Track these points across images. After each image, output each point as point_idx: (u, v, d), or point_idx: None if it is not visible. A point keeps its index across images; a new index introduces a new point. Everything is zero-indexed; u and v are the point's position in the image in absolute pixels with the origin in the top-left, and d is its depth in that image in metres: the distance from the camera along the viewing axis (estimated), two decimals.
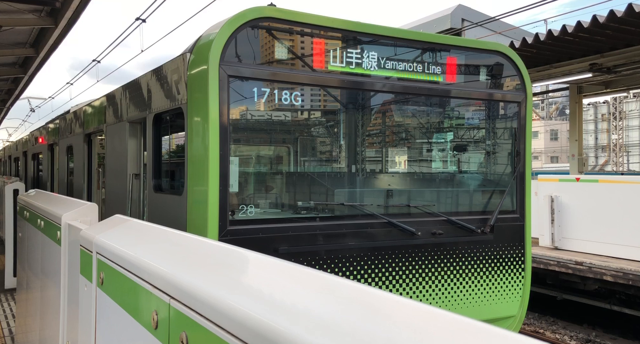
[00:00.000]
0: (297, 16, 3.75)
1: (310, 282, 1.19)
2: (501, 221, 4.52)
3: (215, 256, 1.58)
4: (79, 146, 7.23)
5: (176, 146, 4.69)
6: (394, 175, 6.08)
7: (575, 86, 11.06)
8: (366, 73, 4.03)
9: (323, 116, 5.77)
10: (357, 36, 4.02)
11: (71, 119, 8.12)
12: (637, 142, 23.81)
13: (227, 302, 1.17)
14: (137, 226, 2.34)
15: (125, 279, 1.82)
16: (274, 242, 3.63)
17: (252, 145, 5.32)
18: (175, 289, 1.41)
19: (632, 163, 23.67)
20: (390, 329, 0.90)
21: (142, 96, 4.76)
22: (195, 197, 3.60)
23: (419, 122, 5.97)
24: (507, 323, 4.64)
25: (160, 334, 1.48)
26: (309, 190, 4.97)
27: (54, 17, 8.93)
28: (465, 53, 4.51)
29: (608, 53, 8.53)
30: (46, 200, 4.24)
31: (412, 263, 4.10)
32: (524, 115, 4.70)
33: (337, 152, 5.90)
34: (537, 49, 8.41)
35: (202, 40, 3.62)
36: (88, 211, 3.08)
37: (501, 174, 5.11)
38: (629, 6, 6.74)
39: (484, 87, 4.64)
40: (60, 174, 8.63)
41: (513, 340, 0.76)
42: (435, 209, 4.41)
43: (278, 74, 3.76)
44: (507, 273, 4.58)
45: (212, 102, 3.43)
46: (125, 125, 5.16)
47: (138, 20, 10.56)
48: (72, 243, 2.90)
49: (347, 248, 3.86)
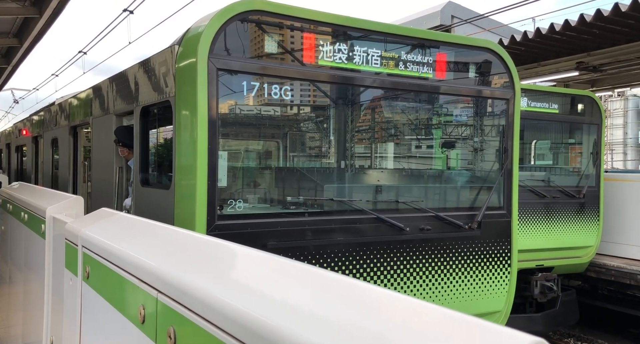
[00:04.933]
0: (288, 10, 3.72)
1: (300, 276, 1.18)
2: (488, 217, 4.56)
3: (203, 250, 1.56)
4: (64, 138, 7.11)
5: (164, 140, 4.64)
6: (383, 171, 6.09)
7: (562, 84, 11.18)
8: (356, 68, 4.02)
9: (313, 111, 5.75)
10: (348, 31, 4.00)
11: (56, 111, 7.99)
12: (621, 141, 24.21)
13: (216, 296, 1.16)
14: (124, 219, 2.32)
15: (112, 273, 1.79)
16: (262, 237, 3.61)
17: (241, 139, 5.28)
18: (163, 283, 1.40)
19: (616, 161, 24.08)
20: (380, 323, 0.90)
21: (130, 89, 4.69)
22: (183, 192, 3.57)
23: (408, 119, 5.98)
24: (493, 318, 4.70)
25: (148, 329, 1.47)
26: (298, 185, 4.96)
27: (39, 7, 8.75)
28: (454, 50, 4.52)
29: (594, 52, 8.63)
30: (30, 193, 4.17)
31: (400, 258, 4.13)
32: (512, 112, 4.74)
33: (326, 147, 5.90)
34: (525, 46, 8.47)
35: (191, 32, 3.58)
36: (73, 204, 3.04)
37: (489, 170, 5.16)
38: (615, 6, 6.81)
39: (473, 83, 4.67)
40: (45, 166, 8.50)
41: (504, 334, 0.76)
42: (423, 205, 4.44)
43: (267, 68, 3.73)
44: (494, 268, 4.63)
45: (200, 96, 3.39)
46: (112, 118, 5.09)
47: (125, 12, 10.40)
48: (56, 237, 2.86)
49: (336, 243, 3.87)
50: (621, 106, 23.73)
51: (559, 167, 8.83)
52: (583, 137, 8.28)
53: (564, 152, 8.88)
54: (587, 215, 7.64)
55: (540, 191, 7.29)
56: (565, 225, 7.47)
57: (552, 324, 7.36)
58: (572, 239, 7.48)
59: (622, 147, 24.19)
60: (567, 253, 7.49)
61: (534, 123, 7.81)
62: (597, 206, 7.72)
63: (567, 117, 7.94)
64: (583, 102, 7.92)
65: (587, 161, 8.00)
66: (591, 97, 7.96)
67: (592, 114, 7.91)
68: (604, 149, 8.33)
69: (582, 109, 7.93)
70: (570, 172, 8.56)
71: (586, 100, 7.91)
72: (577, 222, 7.56)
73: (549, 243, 7.31)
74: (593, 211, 7.69)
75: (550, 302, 7.31)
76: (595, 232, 7.68)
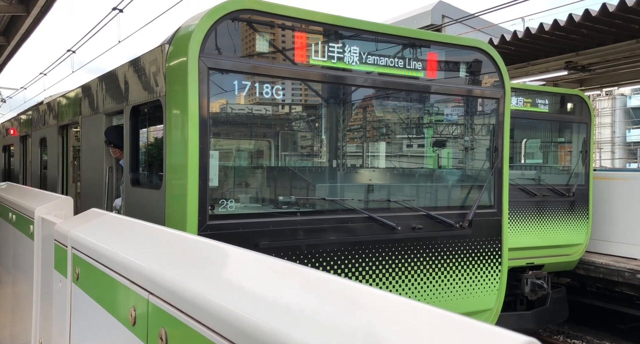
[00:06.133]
0: (279, 9, 3.71)
1: (291, 276, 1.18)
2: (479, 216, 4.59)
3: (195, 251, 1.55)
4: (53, 138, 7.04)
5: (154, 139, 4.61)
6: (374, 170, 6.10)
7: (552, 83, 11.28)
8: (347, 68, 4.02)
9: (304, 110, 5.74)
10: (339, 30, 4.00)
11: (45, 110, 7.90)
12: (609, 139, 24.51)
13: (207, 298, 1.16)
14: (114, 220, 2.30)
15: (102, 274, 1.78)
16: (254, 237, 3.61)
17: (232, 139, 5.26)
18: (155, 284, 1.39)
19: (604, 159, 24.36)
20: (371, 323, 0.90)
21: (120, 88, 4.65)
22: (174, 192, 3.55)
23: (400, 118, 6.00)
24: (484, 316, 4.73)
25: (139, 331, 1.46)
26: (289, 185, 4.95)
27: (26, 5, 8.65)
28: (445, 49, 4.55)
29: (582, 52, 8.72)
30: (18, 193, 4.12)
31: (392, 257, 4.14)
32: (502, 111, 4.77)
33: (318, 146, 5.90)
34: (515, 46, 8.53)
35: (182, 31, 3.56)
36: (62, 205, 3.01)
37: (479, 169, 5.19)
38: (603, 6, 6.88)
39: (464, 83, 4.70)
40: (34, 166, 8.40)
41: (497, 335, 0.77)
42: (415, 204, 4.46)
43: (259, 67, 3.72)
44: (485, 266, 4.67)
45: (191, 95, 3.37)
46: (102, 117, 5.04)
47: (115, 10, 10.31)
48: (45, 238, 2.83)
49: (328, 243, 3.87)
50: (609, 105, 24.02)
51: (549, 165, 8.91)
52: (572, 136, 8.38)
53: (553, 151, 8.97)
54: (576, 213, 7.75)
55: (530, 190, 7.36)
56: (555, 223, 7.55)
57: (542, 322, 7.43)
58: (562, 237, 7.57)
59: (610, 146, 24.49)
60: (557, 251, 7.57)
61: (524, 122, 7.89)
62: (587, 204, 7.82)
63: (556, 116, 8.03)
64: (572, 101, 8.00)
65: (577, 159, 8.11)
66: (580, 97, 8.05)
67: (581, 113, 8.00)
68: (593, 147, 8.42)
69: (572, 108, 8.02)
70: (560, 171, 8.65)
71: (575, 99, 8.00)
72: (567, 220, 7.65)
73: (539, 241, 7.38)
74: (582, 209, 7.79)
75: (541, 299, 7.39)
76: (585, 230, 7.78)
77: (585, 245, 7.78)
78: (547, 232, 7.46)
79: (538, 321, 7.28)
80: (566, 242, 7.63)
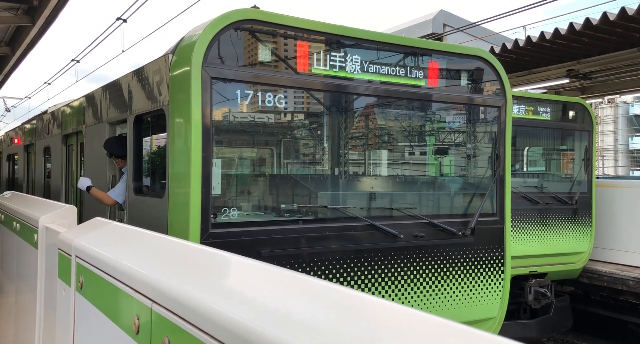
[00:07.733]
0: (281, 19, 3.75)
1: (293, 285, 1.19)
2: (482, 224, 4.59)
3: (198, 260, 1.56)
4: (57, 147, 7.07)
5: (157, 148, 4.63)
6: (376, 178, 6.11)
7: (553, 91, 11.30)
8: (349, 76, 4.05)
9: (306, 119, 5.77)
10: (341, 40, 4.04)
11: (49, 119, 7.95)
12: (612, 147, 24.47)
13: (210, 306, 1.16)
14: (117, 229, 2.31)
15: (106, 283, 1.79)
16: (256, 245, 3.61)
17: (235, 147, 5.28)
18: (158, 293, 1.39)
19: (607, 167, 24.31)
20: (373, 333, 0.91)
21: (123, 97, 4.69)
22: (177, 200, 3.56)
23: (402, 126, 6.02)
24: (487, 325, 4.71)
25: (142, 339, 1.46)
26: (292, 193, 4.96)
27: (31, 16, 8.74)
28: (446, 58, 4.57)
29: (584, 60, 8.74)
30: (22, 202, 4.14)
31: (394, 266, 4.13)
32: (503, 119, 4.78)
33: (320, 154, 5.91)
34: (516, 54, 8.56)
35: (185, 41, 3.59)
36: (66, 214, 3.02)
37: (481, 177, 5.19)
38: (603, 15, 6.92)
39: (465, 91, 4.72)
40: (37, 175, 8.44)
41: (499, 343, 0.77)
42: (417, 212, 4.45)
43: (261, 76, 3.75)
44: (487, 275, 4.65)
45: (194, 104, 3.40)
46: (105, 126, 5.08)
47: (119, 20, 10.40)
48: (49, 246, 2.84)
49: (330, 251, 3.87)
50: (611, 113, 24.02)
51: (551, 173, 8.90)
52: (575, 143, 8.38)
53: (556, 158, 8.98)
54: (579, 221, 7.72)
55: (532, 198, 7.35)
56: (558, 231, 7.53)
57: (546, 330, 7.37)
58: (565, 245, 7.54)
59: (612, 154, 24.44)
60: (561, 259, 7.54)
61: (526, 130, 7.90)
62: (590, 212, 7.80)
63: (558, 124, 8.04)
64: (574, 109, 8.02)
65: (579, 167, 8.10)
66: (582, 104, 8.07)
67: (583, 121, 8.01)
68: (596, 155, 8.42)
69: (574, 116, 8.03)
70: (562, 179, 8.65)
71: (577, 107, 8.02)
72: (570, 228, 7.63)
73: (542, 249, 7.35)
74: (585, 217, 7.77)
75: (544, 308, 7.33)
76: (588, 238, 7.75)
77: (589, 253, 7.75)
78: (550, 240, 7.44)
79: (542, 329, 7.23)
80: (569, 251, 7.59)
